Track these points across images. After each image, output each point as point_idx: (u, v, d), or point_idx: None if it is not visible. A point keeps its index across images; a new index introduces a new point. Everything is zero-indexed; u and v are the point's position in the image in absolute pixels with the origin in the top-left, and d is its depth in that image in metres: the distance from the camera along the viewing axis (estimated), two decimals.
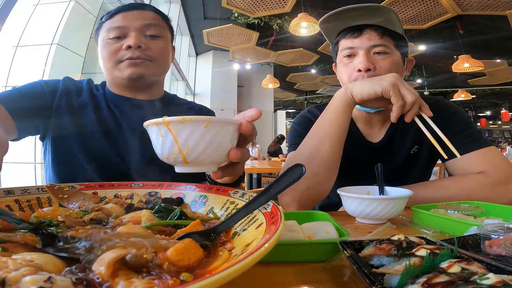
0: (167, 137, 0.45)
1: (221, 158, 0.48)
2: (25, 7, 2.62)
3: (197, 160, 0.46)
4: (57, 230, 0.38)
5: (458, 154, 0.74)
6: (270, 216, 0.37)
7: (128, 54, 0.84)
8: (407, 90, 0.77)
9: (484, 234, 0.41)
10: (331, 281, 0.37)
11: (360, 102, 0.82)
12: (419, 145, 1.00)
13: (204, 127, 0.44)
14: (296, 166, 0.42)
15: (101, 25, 0.90)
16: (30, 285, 0.21)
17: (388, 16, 0.88)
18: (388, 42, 0.89)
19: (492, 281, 0.25)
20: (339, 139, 0.83)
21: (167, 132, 0.45)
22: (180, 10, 5.90)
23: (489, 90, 10.62)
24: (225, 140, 0.47)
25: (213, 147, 0.46)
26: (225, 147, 0.48)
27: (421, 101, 0.79)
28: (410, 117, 0.78)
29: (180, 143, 0.45)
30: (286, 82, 9.73)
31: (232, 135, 0.48)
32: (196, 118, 0.44)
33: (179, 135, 0.45)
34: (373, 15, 0.88)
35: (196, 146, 0.45)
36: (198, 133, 0.44)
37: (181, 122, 0.44)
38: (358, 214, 0.66)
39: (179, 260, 0.29)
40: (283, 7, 4.35)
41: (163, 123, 0.45)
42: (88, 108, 0.89)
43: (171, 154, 0.46)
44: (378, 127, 1.03)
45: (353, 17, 0.90)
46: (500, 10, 4.05)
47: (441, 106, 0.99)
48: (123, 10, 0.88)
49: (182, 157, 0.46)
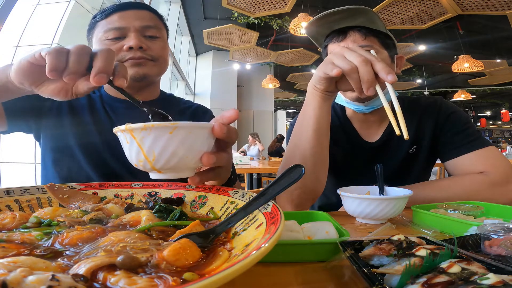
0: (132, 144, 0.44)
1: (194, 163, 0.47)
2: (25, 7, 2.62)
3: (166, 166, 0.45)
4: (57, 229, 0.38)
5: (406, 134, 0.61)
6: (270, 216, 0.37)
7: (130, 54, 0.84)
8: (352, 54, 0.65)
9: (484, 234, 0.41)
10: (331, 281, 0.37)
11: (322, 87, 0.75)
12: (417, 145, 1.00)
13: (169, 133, 0.42)
14: (295, 167, 0.42)
15: (96, 24, 0.88)
16: (37, 285, 0.21)
17: (369, 16, 0.88)
18: (373, 42, 0.90)
19: (492, 281, 0.25)
20: (316, 131, 0.79)
21: (131, 139, 0.44)
22: (180, 10, 5.91)
23: (489, 90, 10.62)
24: (195, 145, 0.45)
25: (181, 153, 0.44)
26: (197, 152, 0.46)
27: (379, 65, 0.63)
28: (366, 86, 0.64)
29: (145, 150, 0.43)
30: (286, 82, 9.73)
31: (203, 139, 0.46)
32: (159, 125, 0.42)
33: (143, 142, 0.43)
34: (354, 17, 0.89)
35: (162, 153, 0.43)
36: (163, 139, 0.43)
37: (143, 129, 0.42)
38: (358, 214, 0.66)
39: (176, 260, 0.29)
40: (283, 7, 4.36)
41: (126, 130, 0.43)
42: (84, 109, 0.89)
43: (138, 161, 0.45)
44: (376, 127, 1.03)
45: (336, 20, 0.91)
46: (500, 10, 4.05)
47: (439, 106, 0.99)
48: (120, 9, 0.86)
49: (149, 164, 0.44)
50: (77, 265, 0.26)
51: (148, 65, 0.87)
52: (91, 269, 0.26)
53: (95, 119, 0.88)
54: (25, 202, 0.51)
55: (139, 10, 0.88)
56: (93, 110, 0.90)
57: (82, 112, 0.89)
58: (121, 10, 0.86)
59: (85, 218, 0.43)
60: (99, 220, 0.43)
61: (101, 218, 0.44)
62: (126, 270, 0.26)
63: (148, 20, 0.88)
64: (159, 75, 0.94)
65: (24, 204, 0.51)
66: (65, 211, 0.46)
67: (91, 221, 0.42)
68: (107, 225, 0.42)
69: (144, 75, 0.86)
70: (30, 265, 0.25)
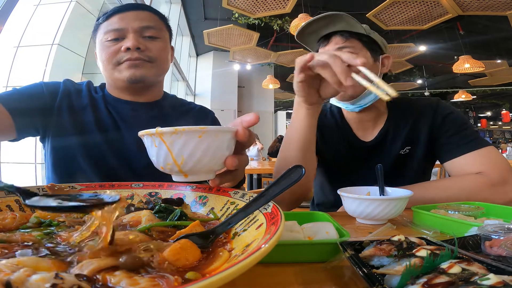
0: (161, 148, 0.44)
1: (218, 166, 0.48)
2: (26, 7, 2.62)
3: (193, 170, 0.46)
4: (57, 230, 0.38)
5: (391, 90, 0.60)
6: (271, 216, 0.37)
7: (127, 55, 0.84)
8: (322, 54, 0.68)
9: (484, 235, 0.41)
10: (331, 282, 0.37)
11: (302, 94, 0.77)
12: (411, 146, 1.00)
13: (198, 137, 0.43)
14: (295, 168, 0.42)
15: (98, 26, 0.89)
16: (42, 283, 0.21)
17: (347, 21, 0.92)
18: (353, 43, 0.93)
19: (492, 281, 0.25)
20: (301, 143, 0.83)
21: (160, 142, 0.44)
22: (181, 10, 5.91)
23: (489, 90, 10.61)
24: (221, 148, 0.46)
25: (208, 156, 0.45)
26: (221, 155, 0.47)
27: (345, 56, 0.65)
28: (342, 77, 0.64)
29: (175, 153, 0.44)
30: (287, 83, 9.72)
31: (228, 143, 0.47)
32: (190, 129, 0.43)
33: (173, 146, 0.44)
34: (334, 22, 0.93)
35: (190, 156, 0.44)
36: (192, 143, 0.43)
37: (174, 133, 0.43)
38: (358, 215, 0.66)
39: (176, 261, 0.29)
40: (283, 8, 4.35)
41: (156, 134, 0.44)
42: (87, 110, 0.89)
43: (166, 164, 0.46)
44: (371, 127, 1.04)
45: (321, 27, 0.96)
46: (500, 10, 4.05)
47: (436, 107, 1.00)
48: (120, 11, 0.87)
49: (177, 167, 0.45)
50: (79, 265, 0.26)
51: (145, 66, 0.86)
52: (94, 270, 0.26)
53: (98, 120, 0.88)
54: None
55: (139, 11, 0.89)
56: (95, 111, 0.90)
57: (85, 113, 0.89)
58: (121, 11, 0.87)
59: (85, 218, 0.43)
60: None
61: None
62: (127, 270, 0.26)
63: (147, 21, 0.88)
64: (158, 76, 0.94)
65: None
66: None
67: None
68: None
69: (141, 76, 0.86)
70: (33, 266, 0.25)
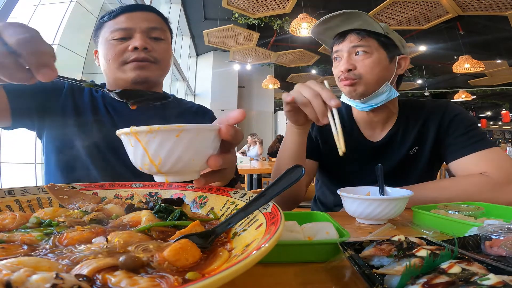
0: (137, 148, 0.43)
1: (200, 166, 0.46)
2: (26, 7, 2.62)
3: (173, 170, 0.44)
4: (57, 230, 0.38)
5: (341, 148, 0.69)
6: (270, 216, 0.37)
7: (134, 55, 0.84)
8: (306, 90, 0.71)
9: (484, 235, 0.41)
10: (331, 282, 0.37)
11: (292, 119, 0.83)
12: (419, 146, 1.00)
13: (176, 137, 0.41)
14: (295, 167, 0.42)
15: (103, 24, 0.89)
16: (42, 283, 0.21)
17: (364, 19, 0.92)
18: (369, 42, 0.93)
19: (492, 281, 0.25)
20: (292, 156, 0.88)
21: (136, 142, 0.42)
22: (181, 10, 5.91)
23: (489, 90, 10.60)
24: (202, 147, 0.44)
25: (188, 156, 0.43)
26: (203, 155, 0.45)
27: (324, 94, 0.69)
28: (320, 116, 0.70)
29: (151, 154, 0.42)
30: (287, 83, 9.72)
31: (211, 141, 0.45)
32: (166, 128, 0.41)
33: (149, 145, 0.42)
34: (351, 20, 0.93)
35: (168, 156, 0.42)
36: (169, 143, 0.41)
37: (149, 132, 0.41)
38: (359, 215, 0.66)
39: (176, 261, 0.29)
40: (283, 8, 4.36)
41: (131, 133, 0.42)
42: (87, 109, 0.89)
43: (144, 165, 0.44)
44: (380, 127, 1.04)
45: (338, 23, 0.95)
46: (500, 10, 4.05)
47: (445, 109, 1.00)
48: (127, 10, 0.87)
49: (155, 168, 0.43)
50: (79, 266, 0.26)
51: (150, 68, 0.87)
52: (94, 270, 0.25)
53: (96, 119, 0.89)
54: (26, 202, 0.51)
55: (146, 12, 0.90)
56: (95, 110, 0.90)
57: (85, 111, 0.89)
58: (128, 11, 0.88)
59: (85, 219, 0.43)
60: (99, 220, 0.43)
61: (101, 218, 0.44)
62: (127, 270, 0.26)
63: (154, 22, 0.89)
64: (161, 78, 0.95)
65: (24, 204, 0.51)
66: (65, 211, 0.46)
67: (91, 222, 0.42)
68: (107, 225, 0.42)
69: (145, 78, 0.87)
70: (33, 266, 0.25)
